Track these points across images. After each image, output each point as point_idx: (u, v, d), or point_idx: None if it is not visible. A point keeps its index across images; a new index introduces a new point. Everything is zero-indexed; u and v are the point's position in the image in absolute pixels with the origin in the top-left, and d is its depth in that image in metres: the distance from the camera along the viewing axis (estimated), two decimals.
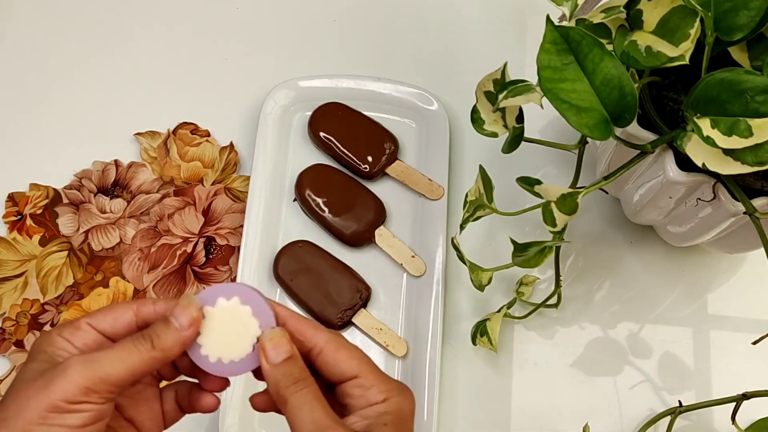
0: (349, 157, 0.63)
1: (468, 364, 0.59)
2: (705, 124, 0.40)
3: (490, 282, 0.55)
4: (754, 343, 0.46)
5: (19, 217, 0.63)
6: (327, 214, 0.61)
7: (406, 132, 0.66)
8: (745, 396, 0.51)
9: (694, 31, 0.41)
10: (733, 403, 0.51)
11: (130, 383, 0.35)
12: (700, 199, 0.49)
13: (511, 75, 0.50)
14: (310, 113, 0.65)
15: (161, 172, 0.65)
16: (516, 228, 0.63)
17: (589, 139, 0.50)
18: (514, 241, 0.50)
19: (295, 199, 0.63)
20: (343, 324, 0.58)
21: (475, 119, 0.52)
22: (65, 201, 0.64)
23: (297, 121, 0.67)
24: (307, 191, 0.62)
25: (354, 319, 0.59)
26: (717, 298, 0.61)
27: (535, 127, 0.66)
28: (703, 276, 0.62)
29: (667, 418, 0.54)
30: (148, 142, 0.66)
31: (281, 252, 0.60)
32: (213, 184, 0.65)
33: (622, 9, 0.45)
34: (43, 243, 0.62)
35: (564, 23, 0.46)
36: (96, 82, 0.69)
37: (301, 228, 0.63)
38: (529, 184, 0.49)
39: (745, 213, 0.45)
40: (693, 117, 0.41)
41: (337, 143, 0.64)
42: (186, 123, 0.67)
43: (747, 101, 0.38)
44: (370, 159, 0.63)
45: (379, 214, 0.62)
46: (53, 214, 0.63)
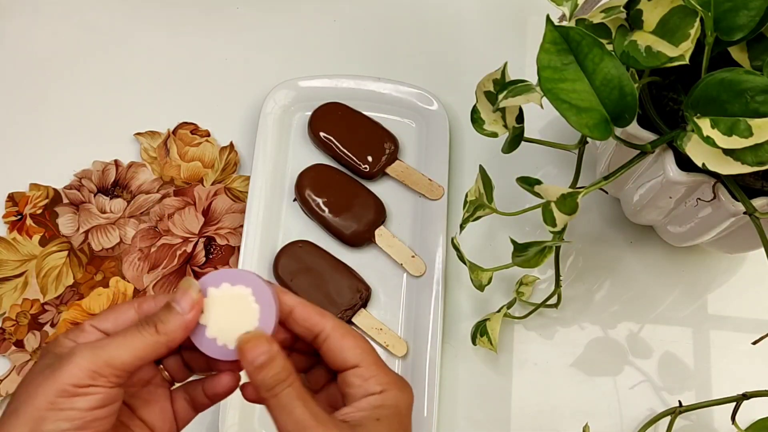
0: (349, 157, 0.63)
1: (468, 364, 0.59)
2: (705, 124, 0.40)
3: (490, 282, 0.55)
4: (754, 343, 0.46)
5: (19, 217, 0.63)
6: (327, 214, 0.62)
7: (406, 132, 0.66)
8: (745, 396, 0.51)
9: (694, 31, 0.41)
10: (733, 403, 0.51)
11: (135, 368, 0.35)
12: (700, 199, 0.49)
13: (511, 75, 0.50)
14: (310, 113, 0.65)
15: (161, 172, 0.65)
16: (516, 228, 0.63)
17: (589, 139, 0.50)
18: (514, 241, 0.50)
19: (295, 199, 0.63)
20: None
21: (475, 119, 0.52)
22: (65, 201, 0.64)
23: (297, 121, 0.67)
24: (307, 191, 0.62)
25: (354, 319, 0.59)
26: (717, 298, 0.61)
27: (535, 127, 0.66)
28: (703, 276, 0.62)
29: (667, 418, 0.54)
30: (148, 142, 0.66)
31: (281, 252, 0.60)
32: (213, 184, 0.65)
33: (622, 9, 0.45)
34: (43, 243, 0.62)
35: (564, 23, 0.46)
36: (96, 82, 0.69)
37: (301, 228, 0.63)
38: (529, 184, 0.49)
39: (745, 213, 0.45)
40: (693, 117, 0.41)
41: (337, 143, 0.64)
42: (186, 123, 0.67)
43: (747, 101, 0.38)
44: (370, 159, 0.63)
45: (379, 214, 0.62)
46: (53, 214, 0.63)
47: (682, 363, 0.59)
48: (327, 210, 0.62)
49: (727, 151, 0.40)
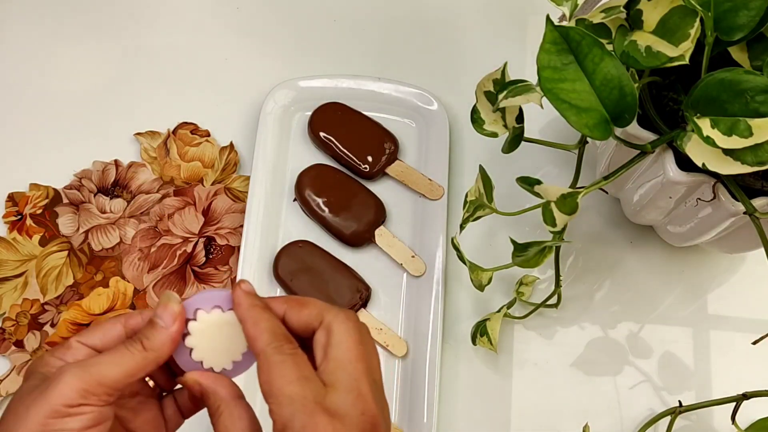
0: (349, 157, 0.63)
1: (468, 364, 0.59)
2: (705, 124, 0.40)
3: (490, 282, 0.55)
4: (754, 343, 0.46)
5: (19, 217, 0.63)
6: (327, 214, 0.61)
7: (406, 132, 0.66)
8: (745, 396, 0.51)
9: (694, 31, 0.41)
10: (733, 403, 0.51)
11: (125, 385, 0.35)
12: (700, 199, 0.49)
13: (511, 75, 0.50)
14: (310, 113, 0.65)
15: (161, 172, 0.65)
16: (516, 228, 0.63)
17: (589, 139, 0.50)
18: (514, 241, 0.50)
19: (295, 199, 0.63)
20: None
21: (475, 119, 0.52)
22: (65, 201, 0.64)
23: (297, 121, 0.67)
24: (307, 191, 0.62)
25: None
26: (717, 298, 0.61)
27: (535, 127, 0.66)
28: (703, 276, 0.62)
29: (667, 418, 0.54)
30: (148, 142, 0.66)
31: (281, 252, 0.60)
32: (213, 184, 0.65)
33: (622, 9, 0.45)
34: (43, 243, 0.62)
35: (564, 23, 0.46)
36: (96, 82, 0.69)
37: (301, 228, 0.63)
38: (529, 184, 0.49)
39: (745, 213, 0.45)
40: (693, 117, 0.41)
41: (337, 143, 0.64)
42: (186, 123, 0.67)
43: (747, 101, 0.38)
44: (370, 159, 0.63)
45: (379, 214, 0.62)
46: (53, 214, 0.63)
47: (682, 363, 0.59)
48: (327, 210, 0.62)
49: (727, 151, 0.40)
